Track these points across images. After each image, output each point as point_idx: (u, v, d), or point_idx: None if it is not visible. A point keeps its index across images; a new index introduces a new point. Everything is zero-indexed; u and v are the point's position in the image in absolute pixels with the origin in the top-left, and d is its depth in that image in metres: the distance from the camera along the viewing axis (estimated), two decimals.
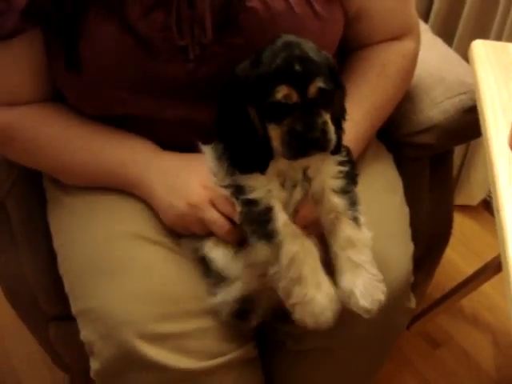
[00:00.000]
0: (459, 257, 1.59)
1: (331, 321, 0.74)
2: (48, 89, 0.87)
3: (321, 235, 0.80)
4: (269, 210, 0.75)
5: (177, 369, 0.79)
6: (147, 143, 0.88)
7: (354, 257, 0.76)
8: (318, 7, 0.83)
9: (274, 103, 0.70)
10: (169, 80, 0.82)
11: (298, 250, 0.74)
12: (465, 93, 1.03)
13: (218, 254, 0.81)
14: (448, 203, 1.19)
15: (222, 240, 0.81)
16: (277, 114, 0.71)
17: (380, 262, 0.85)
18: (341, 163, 0.79)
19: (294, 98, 0.70)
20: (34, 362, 1.36)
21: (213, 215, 0.80)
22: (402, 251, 0.91)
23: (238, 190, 0.77)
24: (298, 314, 0.75)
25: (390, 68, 0.95)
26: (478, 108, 0.89)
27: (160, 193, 0.83)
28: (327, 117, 0.73)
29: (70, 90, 0.85)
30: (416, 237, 1.09)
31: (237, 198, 0.77)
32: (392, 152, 1.07)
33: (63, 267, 0.89)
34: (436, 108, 1.05)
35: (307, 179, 0.78)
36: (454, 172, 1.54)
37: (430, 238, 1.16)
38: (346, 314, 0.78)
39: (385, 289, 0.78)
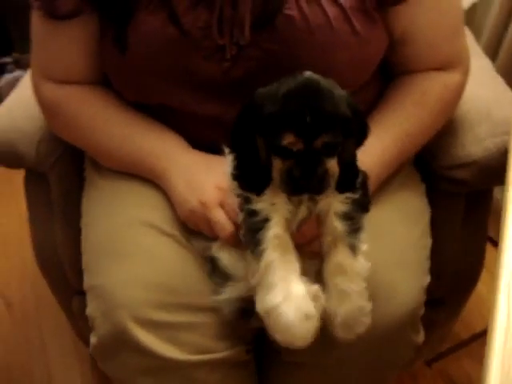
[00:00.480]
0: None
1: (302, 338, 0.73)
2: (97, 73, 0.93)
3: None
4: (265, 220, 0.76)
5: (163, 356, 0.82)
6: (178, 139, 0.91)
7: (343, 284, 0.75)
8: (357, 25, 0.83)
9: (279, 146, 0.71)
10: (205, 77, 0.85)
11: (276, 258, 0.74)
12: (509, 134, 1.00)
13: (224, 255, 0.83)
14: (481, 243, 1.15)
15: (224, 243, 0.83)
16: (281, 153, 0.72)
17: (384, 291, 0.85)
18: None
19: (299, 146, 0.70)
20: (62, 336, 1.43)
21: (218, 216, 0.82)
22: (412, 282, 0.90)
23: (245, 200, 0.78)
24: (267, 327, 0.74)
25: (430, 97, 0.93)
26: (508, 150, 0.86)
27: (178, 187, 0.87)
28: (331, 162, 0.73)
29: (114, 73, 0.90)
30: (442, 272, 1.08)
31: (241, 209, 0.78)
32: (426, 183, 1.05)
33: (83, 244, 0.95)
34: (478, 145, 1.02)
35: (313, 199, 0.78)
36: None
37: (457, 275, 1.13)
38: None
39: (369, 322, 0.77)
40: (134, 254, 0.86)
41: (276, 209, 0.76)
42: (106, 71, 0.92)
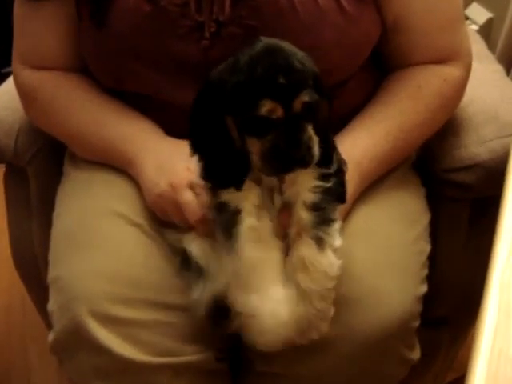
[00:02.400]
0: None
1: (275, 344, 0.68)
2: (75, 59, 0.90)
3: None
4: (236, 213, 0.69)
5: (121, 356, 0.76)
6: (152, 125, 0.88)
7: (302, 282, 0.69)
8: (345, 2, 0.78)
9: (255, 117, 0.64)
10: (182, 58, 0.81)
11: (254, 255, 0.68)
12: None
13: (197, 247, 0.77)
14: (488, 256, 1.05)
15: (193, 229, 0.77)
16: (258, 128, 0.65)
17: (369, 296, 0.78)
18: (322, 177, 0.71)
19: (279, 113, 0.64)
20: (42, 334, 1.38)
21: (187, 197, 0.76)
22: (403, 289, 0.81)
23: (212, 194, 0.72)
24: (244, 330, 0.69)
25: (427, 90, 0.87)
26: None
27: (148, 172, 0.82)
28: (311, 130, 0.67)
29: (91, 56, 0.87)
30: (443, 287, 0.99)
31: (211, 206, 0.72)
32: (427, 188, 0.97)
33: (51, 236, 0.90)
34: (483, 146, 0.95)
35: (282, 187, 0.72)
36: None
37: (461, 291, 1.04)
38: (316, 342, 0.71)
39: (326, 329, 0.71)
40: (98, 244, 0.81)
41: (244, 196, 0.69)
42: (83, 54, 0.89)
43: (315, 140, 0.66)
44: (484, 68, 1.09)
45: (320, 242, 0.69)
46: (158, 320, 0.78)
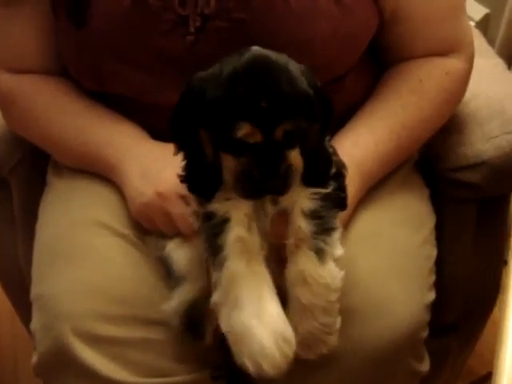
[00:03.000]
0: None
1: (277, 364, 0.61)
2: (53, 60, 0.86)
3: None
4: (224, 222, 0.64)
5: (109, 378, 0.71)
6: (135, 128, 0.83)
7: (303, 298, 0.63)
8: None
9: (231, 139, 0.59)
10: (166, 55, 0.77)
11: (241, 269, 0.62)
12: None
13: (181, 255, 0.72)
14: (496, 260, 1.00)
15: (187, 238, 0.72)
16: (234, 148, 0.60)
17: (376, 306, 0.73)
18: None
19: (257, 138, 0.58)
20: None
21: (179, 208, 0.72)
22: (411, 297, 0.76)
23: (199, 202, 0.66)
24: (236, 354, 0.62)
25: (429, 85, 0.82)
26: None
27: (132, 179, 0.77)
28: (293, 154, 0.61)
29: (71, 56, 0.83)
30: (451, 293, 0.94)
31: (198, 214, 0.67)
32: (431, 189, 0.92)
33: (34, 249, 0.85)
34: (489, 143, 0.90)
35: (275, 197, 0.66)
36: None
37: (469, 298, 0.99)
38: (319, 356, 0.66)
39: (334, 342, 0.66)
40: (82, 257, 0.76)
41: (233, 205, 0.64)
42: (62, 55, 0.84)
43: (294, 169, 0.61)
44: (485, 62, 1.04)
45: (321, 254, 0.63)
46: (147, 338, 0.73)
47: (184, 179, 0.66)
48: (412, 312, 0.75)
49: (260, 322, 0.60)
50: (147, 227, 0.76)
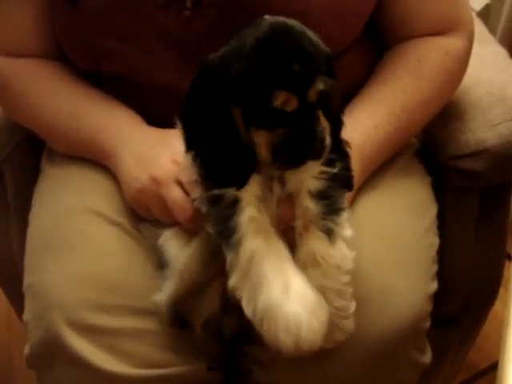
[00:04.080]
0: None
1: (315, 337, 0.59)
2: (50, 43, 0.84)
3: None
4: (235, 203, 0.62)
5: (102, 370, 0.69)
6: (130, 113, 0.81)
7: (316, 280, 0.61)
8: None
9: (268, 110, 0.58)
10: (162, 31, 0.75)
11: (258, 245, 0.60)
12: None
13: (174, 244, 0.70)
14: (498, 250, 0.99)
15: (182, 226, 0.70)
16: (270, 120, 0.59)
17: (378, 296, 0.72)
18: (327, 162, 0.64)
19: (294, 104, 0.58)
20: None
21: (176, 195, 0.69)
22: (413, 287, 0.75)
23: (204, 186, 0.64)
24: (267, 333, 0.59)
25: (428, 65, 0.81)
26: None
27: (127, 164, 0.75)
28: (323, 118, 0.61)
29: (65, 33, 0.81)
30: (453, 284, 0.93)
31: (202, 199, 0.65)
32: (432, 177, 0.91)
33: (27, 238, 0.83)
34: (491, 130, 0.88)
35: (283, 175, 0.64)
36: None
37: (471, 289, 0.97)
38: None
39: (351, 327, 0.64)
40: (75, 246, 0.74)
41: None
42: (57, 35, 0.83)
43: (327, 129, 0.60)
44: (487, 50, 1.03)
45: (330, 234, 0.62)
46: (141, 328, 0.71)
47: (206, 176, 0.63)
48: (415, 302, 0.74)
49: (290, 295, 0.58)
50: (142, 214, 0.75)
